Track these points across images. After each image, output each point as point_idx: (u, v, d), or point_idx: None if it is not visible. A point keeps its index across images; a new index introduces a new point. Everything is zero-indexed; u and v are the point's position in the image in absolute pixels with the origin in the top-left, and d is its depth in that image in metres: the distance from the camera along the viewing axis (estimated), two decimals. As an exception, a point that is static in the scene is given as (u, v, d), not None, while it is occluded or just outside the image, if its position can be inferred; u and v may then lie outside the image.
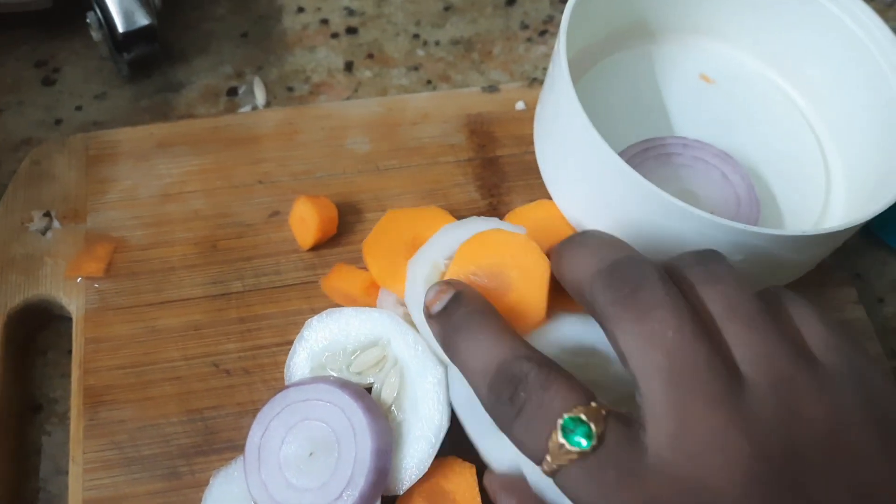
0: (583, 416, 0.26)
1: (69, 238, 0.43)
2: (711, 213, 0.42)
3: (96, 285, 0.41)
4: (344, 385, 0.35)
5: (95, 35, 0.47)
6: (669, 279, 0.28)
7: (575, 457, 0.26)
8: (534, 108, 0.46)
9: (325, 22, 0.54)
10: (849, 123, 0.45)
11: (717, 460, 0.24)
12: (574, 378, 0.28)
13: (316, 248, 0.43)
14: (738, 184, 0.42)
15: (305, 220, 0.42)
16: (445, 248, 0.38)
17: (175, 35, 0.53)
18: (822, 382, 0.25)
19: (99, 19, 0.47)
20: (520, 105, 0.48)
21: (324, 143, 0.46)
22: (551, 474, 0.27)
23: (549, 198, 0.43)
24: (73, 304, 0.41)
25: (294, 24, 0.54)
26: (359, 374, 0.37)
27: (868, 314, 0.44)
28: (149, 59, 0.49)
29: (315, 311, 0.39)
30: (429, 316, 0.33)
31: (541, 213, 0.43)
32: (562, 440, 0.26)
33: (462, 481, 0.35)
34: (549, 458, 0.27)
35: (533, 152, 0.45)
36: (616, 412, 0.27)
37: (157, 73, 0.51)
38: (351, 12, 0.54)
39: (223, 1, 0.54)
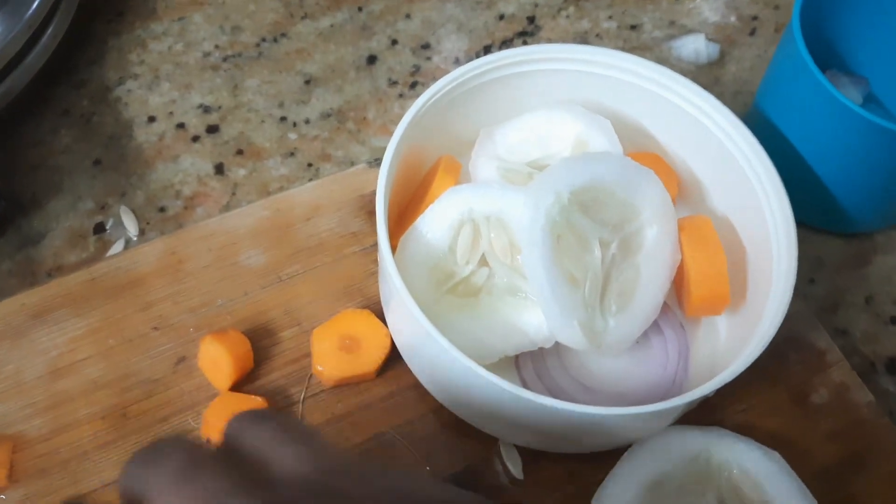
0: None
1: (-43, 451, 0.38)
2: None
3: (2, 497, 0.37)
4: None
5: (-70, 211, 0.42)
6: None
7: None
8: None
9: (181, 126, 0.50)
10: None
11: None
12: None
13: (236, 387, 0.39)
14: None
15: (217, 362, 0.39)
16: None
17: (21, 180, 0.47)
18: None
19: (-72, 194, 0.41)
20: (411, 172, 0.45)
21: (214, 266, 0.43)
22: None
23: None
24: (-19, 525, 0.36)
25: (149, 137, 0.49)
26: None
27: (803, 299, 0.44)
28: (-2, 218, 0.44)
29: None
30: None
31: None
32: None
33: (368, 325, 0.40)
34: None
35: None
36: None
37: (12, 229, 0.46)
38: (206, 109, 0.50)
39: (64, 129, 0.49)
